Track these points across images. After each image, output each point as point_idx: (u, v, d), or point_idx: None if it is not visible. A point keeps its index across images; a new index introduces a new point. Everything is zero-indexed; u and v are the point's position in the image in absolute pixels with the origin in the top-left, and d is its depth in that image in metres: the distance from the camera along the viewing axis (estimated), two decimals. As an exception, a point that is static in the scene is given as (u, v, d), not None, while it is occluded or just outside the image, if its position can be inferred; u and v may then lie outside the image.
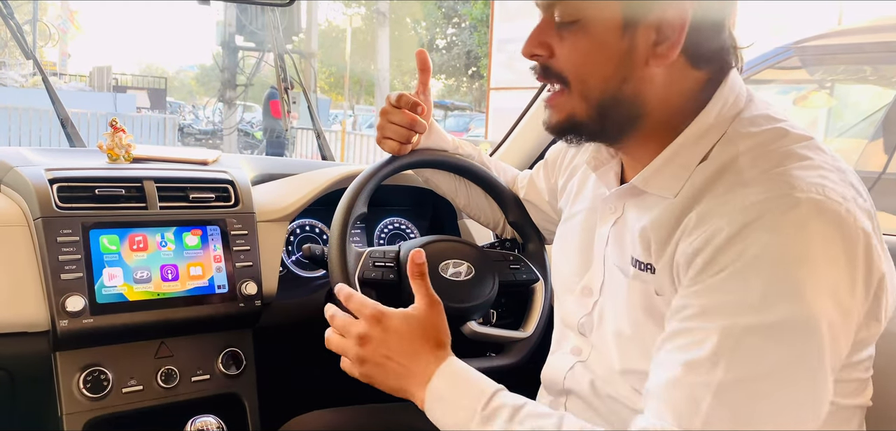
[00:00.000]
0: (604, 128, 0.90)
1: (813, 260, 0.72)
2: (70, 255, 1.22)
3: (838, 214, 0.74)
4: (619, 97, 0.86)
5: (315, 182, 1.55)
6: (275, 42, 3.01)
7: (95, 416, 1.24)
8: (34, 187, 1.25)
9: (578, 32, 0.86)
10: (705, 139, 0.86)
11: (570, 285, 1.08)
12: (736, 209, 0.76)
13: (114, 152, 1.47)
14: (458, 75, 22.40)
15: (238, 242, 1.38)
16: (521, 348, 1.28)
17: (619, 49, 0.84)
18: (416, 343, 0.91)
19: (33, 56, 2.09)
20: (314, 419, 1.27)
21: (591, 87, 0.87)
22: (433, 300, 0.94)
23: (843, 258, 0.73)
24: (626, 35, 0.84)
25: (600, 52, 0.85)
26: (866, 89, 3.72)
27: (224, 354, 1.37)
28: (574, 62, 0.87)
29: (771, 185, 0.76)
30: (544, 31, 0.90)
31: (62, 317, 1.18)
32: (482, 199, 1.43)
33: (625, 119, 0.88)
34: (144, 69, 32.12)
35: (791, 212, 0.73)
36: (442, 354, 0.91)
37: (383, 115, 1.29)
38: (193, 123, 16.61)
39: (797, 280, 0.71)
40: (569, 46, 0.87)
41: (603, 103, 0.87)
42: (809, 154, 0.80)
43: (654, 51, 0.84)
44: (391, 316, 0.92)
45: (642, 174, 0.91)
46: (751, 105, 0.88)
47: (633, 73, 0.85)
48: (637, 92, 0.86)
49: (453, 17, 21.77)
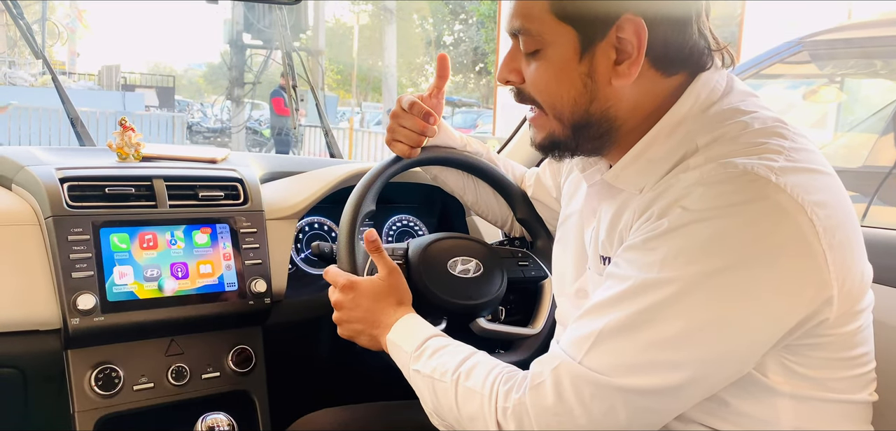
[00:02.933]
0: (580, 145, 0.93)
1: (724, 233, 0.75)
2: (81, 254, 1.22)
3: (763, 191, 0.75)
4: (589, 117, 0.89)
5: (323, 180, 1.55)
6: (282, 40, 3.02)
7: (107, 414, 1.25)
8: (45, 186, 1.26)
9: (541, 60, 0.89)
10: (674, 134, 0.87)
11: (564, 287, 1.11)
12: (671, 192, 0.80)
13: (123, 151, 1.48)
14: (465, 72, 22.37)
15: (247, 240, 1.39)
16: (530, 345, 1.28)
17: (580, 73, 0.87)
18: (381, 301, 1.10)
19: (43, 55, 2.10)
20: (324, 416, 1.28)
21: (561, 111, 0.90)
22: (392, 268, 1.13)
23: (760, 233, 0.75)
24: (585, 59, 0.86)
25: (563, 78, 0.88)
26: (877, 83, 3.70)
27: (234, 352, 1.38)
28: (541, 89, 0.91)
29: (705, 169, 0.79)
30: (514, 57, 0.93)
31: (73, 315, 1.19)
32: (490, 197, 1.43)
33: (599, 134, 0.91)
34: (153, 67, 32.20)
35: (715, 188, 0.77)
36: (402, 310, 1.09)
37: (394, 118, 1.29)
38: (202, 121, 16.64)
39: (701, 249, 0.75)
40: (535, 74, 0.90)
41: (575, 124, 0.90)
42: (762, 140, 0.81)
43: (616, 70, 0.86)
44: (359, 284, 1.11)
45: (613, 169, 0.93)
46: (724, 98, 0.88)
47: (599, 93, 0.88)
48: (606, 109, 0.88)
49: (460, 14, 21.75)
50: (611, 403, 0.78)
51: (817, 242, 0.75)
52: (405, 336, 1.04)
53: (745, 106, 0.87)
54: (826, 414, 0.84)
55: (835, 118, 4.06)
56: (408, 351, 1.01)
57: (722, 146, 0.82)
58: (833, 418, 0.84)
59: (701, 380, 0.79)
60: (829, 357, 0.82)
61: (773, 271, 0.75)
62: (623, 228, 0.89)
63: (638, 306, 0.78)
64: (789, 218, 0.75)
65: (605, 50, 0.85)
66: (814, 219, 0.75)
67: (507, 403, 0.85)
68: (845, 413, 0.85)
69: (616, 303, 0.80)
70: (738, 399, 0.83)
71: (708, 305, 0.76)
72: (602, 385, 0.79)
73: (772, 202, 0.75)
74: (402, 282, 1.13)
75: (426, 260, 1.26)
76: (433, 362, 0.97)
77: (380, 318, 1.08)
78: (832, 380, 0.83)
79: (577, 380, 0.80)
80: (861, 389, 0.86)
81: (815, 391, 0.83)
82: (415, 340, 1.02)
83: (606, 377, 0.79)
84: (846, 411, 0.85)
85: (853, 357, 0.84)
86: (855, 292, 0.81)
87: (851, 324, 0.82)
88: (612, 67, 0.85)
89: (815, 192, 0.77)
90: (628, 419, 0.79)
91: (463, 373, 0.92)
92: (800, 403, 0.82)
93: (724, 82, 0.90)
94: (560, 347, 0.85)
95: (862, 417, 0.88)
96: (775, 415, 0.82)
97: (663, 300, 0.77)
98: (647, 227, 0.81)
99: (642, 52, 0.83)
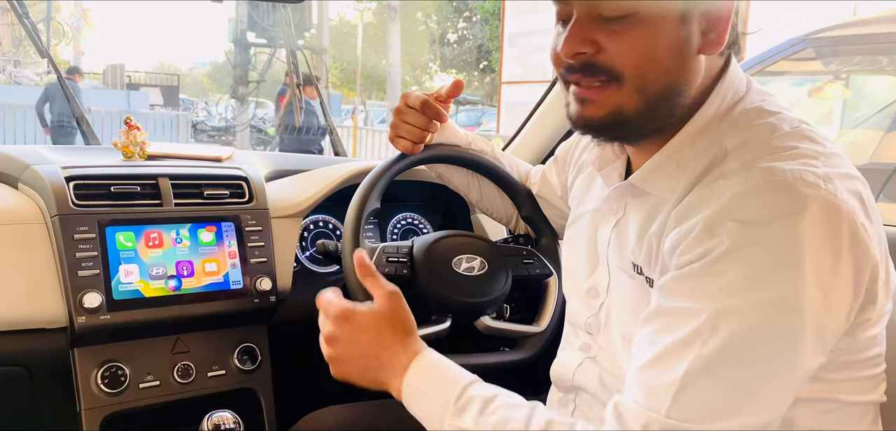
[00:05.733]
0: (648, 123, 0.87)
1: (790, 246, 0.72)
2: (87, 252, 1.23)
3: (817, 197, 0.74)
4: (673, 89, 0.84)
5: (328, 178, 1.55)
6: (286, 38, 3.02)
7: (113, 411, 1.26)
8: (51, 185, 1.26)
9: (635, 25, 0.81)
10: (702, 136, 0.86)
11: (576, 287, 1.09)
12: (715, 201, 0.77)
13: (128, 150, 1.48)
14: (469, 69, 22.35)
15: (252, 238, 1.39)
16: (535, 343, 1.28)
17: (678, 40, 0.82)
18: (385, 335, 0.93)
19: (48, 54, 2.11)
20: (330, 414, 1.28)
21: (650, 81, 0.83)
22: (392, 291, 0.96)
23: (822, 240, 0.73)
24: (684, 25, 0.82)
25: (659, 45, 0.82)
26: (883, 80, 3.68)
27: (239, 349, 1.38)
28: (631, 56, 0.82)
29: (749, 176, 0.77)
30: (588, 27, 0.84)
31: (80, 314, 1.19)
32: (495, 194, 1.43)
33: (671, 111, 0.86)
34: (157, 66, 32.26)
35: (767, 197, 0.74)
36: (410, 342, 0.93)
37: (397, 114, 1.28)
38: (206, 120, 16.66)
39: (772, 266, 0.72)
40: (624, 41, 0.82)
41: (657, 97, 0.84)
42: (795, 144, 0.80)
43: (706, 40, 0.83)
44: (357, 314, 0.94)
45: (640, 172, 0.91)
46: (746, 98, 0.88)
47: (686, 64, 0.84)
48: (688, 83, 0.85)
49: (464, 11, 21.73)
50: None
51: (869, 241, 0.75)
52: (433, 382, 0.89)
53: (768, 106, 0.86)
54: (838, 416, 0.83)
55: (840, 115, 4.05)
56: (442, 401, 0.87)
57: (754, 150, 0.80)
58: (844, 419, 0.84)
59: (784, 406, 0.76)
60: (847, 360, 0.81)
61: (839, 277, 0.74)
62: (654, 235, 0.87)
63: (718, 341, 0.73)
64: (845, 221, 0.74)
65: (700, 19, 0.82)
66: (865, 223, 0.75)
67: None
68: (856, 414, 0.85)
69: (693, 342, 0.74)
70: None
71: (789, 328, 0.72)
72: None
73: (826, 208, 0.73)
74: (404, 308, 0.96)
75: (431, 259, 1.26)
76: (491, 420, 0.83)
77: (385, 357, 0.93)
78: (846, 382, 0.82)
79: None
80: (871, 390, 0.86)
81: (829, 393, 0.82)
82: (449, 389, 0.87)
83: (700, 425, 0.73)
84: (857, 412, 0.85)
85: (868, 358, 0.83)
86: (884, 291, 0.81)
87: (874, 330, 0.82)
88: (702, 37, 0.83)
89: (857, 195, 0.77)
90: None
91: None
92: (813, 405, 0.82)
93: (745, 82, 0.89)
94: (635, 400, 0.77)
95: (871, 418, 0.88)
96: (788, 418, 0.81)
97: (743, 329, 0.73)
98: (698, 245, 0.77)
99: (729, 22, 0.82)
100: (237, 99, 12.68)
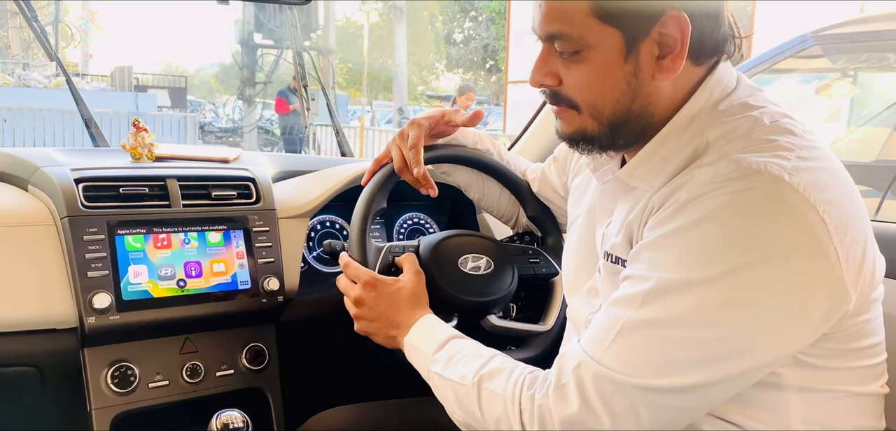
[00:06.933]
0: (615, 141, 0.92)
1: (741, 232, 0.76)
2: (96, 253, 1.24)
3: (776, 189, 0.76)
4: (629, 114, 0.88)
5: (335, 178, 1.56)
6: (293, 39, 3.03)
7: (123, 411, 1.27)
8: (60, 187, 1.27)
9: (582, 62, 0.86)
10: (687, 130, 0.87)
11: (576, 286, 1.10)
12: (685, 188, 0.81)
13: (137, 151, 1.49)
14: (475, 69, 22.36)
15: (260, 239, 1.40)
16: (541, 341, 1.28)
17: (625, 73, 0.85)
18: (402, 302, 1.11)
19: (57, 57, 2.13)
20: (338, 414, 1.29)
21: (603, 111, 0.88)
22: (418, 271, 1.17)
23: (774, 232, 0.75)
24: (630, 58, 0.85)
25: (607, 79, 0.86)
26: (891, 77, 3.67)
27: (248, 349, 1.39)
28: (582, 89, 0.88)
29: (719, 166, 0.79)
30: (548, 60, 0.90)
31: (89, 314, 1.20)
32: (495, 193, 1.43)
33: (636, 130, 0.90)
34: (165, 68, 32.38)
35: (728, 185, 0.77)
36: (419, 311, 1.10)
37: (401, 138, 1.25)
38: (214, 121, 16.73)
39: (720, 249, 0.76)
40: (575, 76, 0.88)
41: (616, 121, 0.89)
42: (773, 137, 0.81)
43: (659, 66, 0.85)
44: (382, 283, 1.13)
45: (627, 167, 0.93)
46: (734, 93, 0.89)
47: (641, 90, 0.87)
48: (646, 105, 0.88)
49: (470, 11, 21.74)
50: (631, 402, 0.79)
51: (829, 241, 0.76)
52: (424, 337, 1.05)
53: (754, 100, 0.87)
54: (837, 408, 0.84)
55: (848, 112, 4.04)
56: (427, 353, 1.01)
57: (733, 142, 0.82)
58: (844, 412, 0.84)
59: (722, 380, 0.79)
60: (838, 347, 0.82)
61: (787, 270, 0.75)
62: (633, 222, 0.90)
63: (656, 305, 0.79)
64: (802, 217, 0.75)
65: (649, 47, 0.84)
66: (826, 218, 0.76)
67: (530, 406, 0.86)
68: (856, 406, 0.85)
69: (634, 302, 0.81)
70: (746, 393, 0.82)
71: (724, 305, 0.76)
72: (622, 384, 0.79)
73: (785, 201, 0.75)
74: (423, 286, 1.15)
75: (437, 258, 1.27)
76: (454, 365, 0.97)
77: (398, 319, 1.09)
78: (842, 371, 0.83)
79: (599, 380, 0.80)
80: (872, 381, 0.86)
81: (825, 383, 0.83)
82: (434, 342, 1.02)
83: (627, 376, 0.79)
84: (857, 404, 0.85)
85: (863, 347, 0.84)
86: (867, 285, 0.81)
87: (862, 316, 0.82)
88: (655, 63, 0.85)
89: (827, 190, 0.77)
90: (650, 418, 0.79)
91: (485, 376, 0.92)
92: (809, 395, 0.83)
93: (734, 78, 0.90)
94: (580, 346, 0.85)
95: (873, 411, 0.88)
96: (784, 408, 0.82)
97: (680, 300, 0.77)
98: (662, 225, 0.81)
99: (686, 46, 0.83)
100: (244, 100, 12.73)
